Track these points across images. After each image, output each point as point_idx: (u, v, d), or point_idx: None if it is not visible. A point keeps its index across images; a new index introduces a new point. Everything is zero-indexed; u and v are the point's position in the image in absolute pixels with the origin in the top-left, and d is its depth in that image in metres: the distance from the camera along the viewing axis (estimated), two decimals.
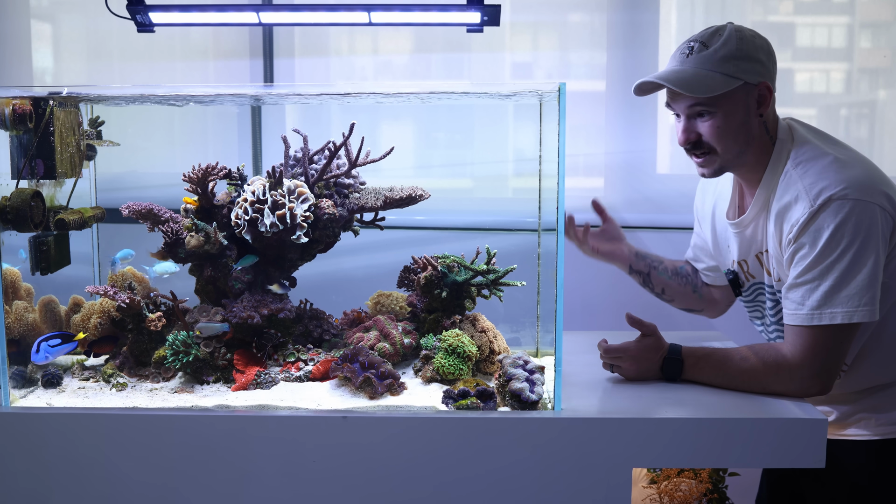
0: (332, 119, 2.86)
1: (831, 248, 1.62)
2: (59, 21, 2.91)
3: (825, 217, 1.63)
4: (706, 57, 1.70)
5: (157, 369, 1.88)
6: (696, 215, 2.08)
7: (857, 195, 1.62)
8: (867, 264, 1.61)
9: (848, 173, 1.65)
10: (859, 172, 1.66)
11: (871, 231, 1.62)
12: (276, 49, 2.82)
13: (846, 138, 2.84)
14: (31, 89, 2.36)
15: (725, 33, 1.71)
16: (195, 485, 1.63)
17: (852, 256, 1.61)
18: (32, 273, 1.88)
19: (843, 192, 1.62)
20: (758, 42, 1.73)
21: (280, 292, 1.89)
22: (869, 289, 1.61)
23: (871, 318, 1.63)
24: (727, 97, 1.70)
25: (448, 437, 1.61)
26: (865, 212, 1.61)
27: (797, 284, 1.67)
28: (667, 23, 2.81)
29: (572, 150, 2.78)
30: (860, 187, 1.63)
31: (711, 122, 1.72)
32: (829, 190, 1.63)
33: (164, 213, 1.96)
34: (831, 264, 1.63)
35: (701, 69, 1.70)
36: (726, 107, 1.71)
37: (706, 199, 2.01)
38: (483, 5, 1.99)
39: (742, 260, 1.88)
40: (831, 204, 1.62)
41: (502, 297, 1.98)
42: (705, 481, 1.97)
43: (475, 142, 2.90)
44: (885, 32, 2.84)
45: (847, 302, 1.62)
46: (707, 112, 1.72)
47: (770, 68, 1.74)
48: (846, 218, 1.61)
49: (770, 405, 1.67)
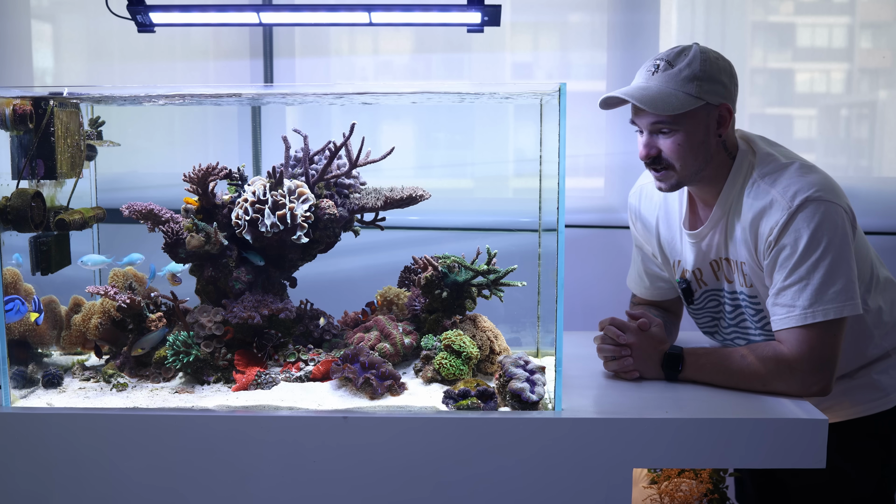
0: (332, 119, 2.86)
1: (813, 248, 1.69)
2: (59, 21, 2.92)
3: (802, 218, 1.70)
4: (671, 76, 1.75)
5: (158, 369, 1.88)
6: (640, 237, 2.09)
7: (828, 196, 1.71)
8: (847, 260, 1.69)
9: (815, 177, 1.74)
10: (823, 176, 1.75)
11: (843, 230, 1.70)
12: (277, 49, 2.82)
13: (846, 138, 2.85)
14: (32, 89, 2.37)
15: (690, 54, 1.76)
16: (195, 485, 1.64)
17: (834, 254, 1.69)
18: (33, 273, 1.88)
19: (816, 194, 1.70)
20: (721, 64, 1.78)
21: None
22: (853, 283, 1.70)
23: (857, 312, 1.70)
24: (688, 116, 1.75)
25: (448, 438, 1.61)
26: (836, 212, 1.70)
27: (785, 287, 1.72)
28: (667, 23, 2.81)
29: (573, 150, 2.79)
30: (828, 189, 1.72)
31: (672, 140, 1.77)
32: (802, 192, 1.71)
33: (164, 213, 1.96)
34: (816, 263, 1.69)
35: (665, 87, 1.75)
36: (687, 125, 1.76)
37: (647, 219, 2.04)
38: (483, 5, 1.99)
39: (697, 268, 1.93)
40: (807, 205, 1.70)
41: (503, 298, 1.98)
42: (706, 481, 1.97)
43: (475, 142, 2.91)
44: (885, 33, 2.84)
45: (836, 297, 1.69)
46: (668, 129, 1.77)
47: (731, 90, 1.79)
48: (823, 218, 1.69)
49: (770, 405, 1.68)
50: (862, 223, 2.02)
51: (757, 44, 2.85)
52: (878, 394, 1.89)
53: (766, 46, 2.86)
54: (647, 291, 2.11)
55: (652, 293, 2.10)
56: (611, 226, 2.80)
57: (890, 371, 1.90)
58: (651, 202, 2.03)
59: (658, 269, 2.06)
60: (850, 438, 1.89)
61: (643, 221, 2.05)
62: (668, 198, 1.98)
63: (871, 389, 1.89)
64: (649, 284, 2.09)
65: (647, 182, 2.04)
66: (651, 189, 2.02)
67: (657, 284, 2.08)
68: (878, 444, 1.92)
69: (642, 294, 2.12)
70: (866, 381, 1.90)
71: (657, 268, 2.07)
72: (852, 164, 2.81)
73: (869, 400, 1.89)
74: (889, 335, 1.90)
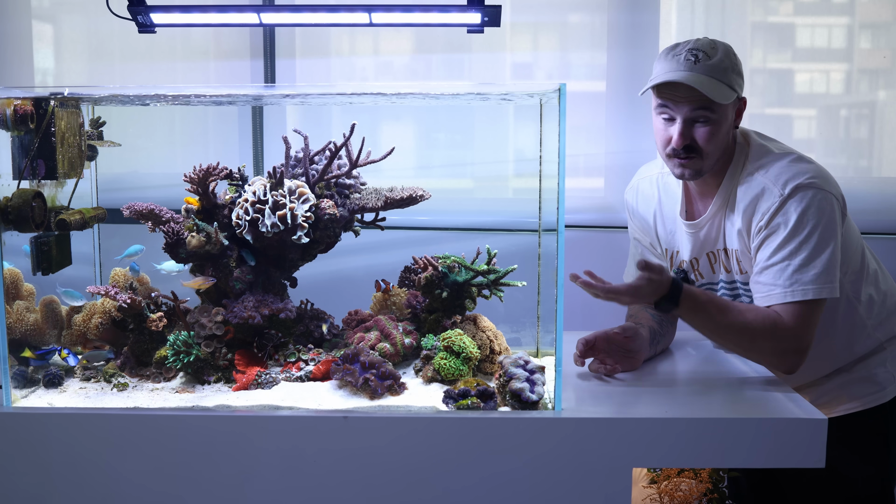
0: (332, 119, 2.87)
1: (799, 230, 1.73)
2: (60, 22, 2.92)
3: (792, 203, 1.74)
4: (713, 67, 1.78)
5: (159, 369, 1.88)
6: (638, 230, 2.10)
7: (820, 184, 1.75)
8: (830, 245, 1.73)
9: (808, 166, 1.78)
10: (817, 166, 1.79)
11: (831, 217, 1.74)
12: (277, 50, 2.82)
13: (846, 138, 2.85)
14: (33, 90, 2.37)
15: (721, 47, 1.81)
16: (196, 485, 1.64)
17: (818, 238, 1.73)
18: (34, 273, 1.89)
19: (808, 181, 1.75)
20: (738, 59, 1.84)
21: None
22: (833, 268, 1.73)
23: (834, 295, 1.75)
24: (724, 107, 1.80)
25: (448, 437, 1.61)
26: (826, 200, 1.74)
27: (768, 266, 1.76)
28: (667, 23, 2.81)
29: (573, 150, 2.79)
30: (820, 177, 1.76)
31: (708, 129, 1.80)
32: (794, 180, 1.75)
33: (165, 213, 1.97)
34: (800, 245, 1.73)
35: (712, 77, 1.77)
36: (723, 115, 1.81)
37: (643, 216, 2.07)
38: (483, 6, 1.99)
39: (693, 258, 1.96)
40: (798, 192, 1.74)
41: (503, 298, 1.98)
42: (705, 481, 1.97)
43: (475, 142, 2.91)
44: (884, 33, 2.84)
45: (816, 279, 1.72)
46: (707, 118, 1.79)
47: (744, 86, 1.86)
48: (810, 203, 1.73)
49: (770, 405, 1.68)
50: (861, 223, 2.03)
51: (756, 44, 2.85)
52: (874, 388, 1.92)
53: (766, 47, 2.87)
54: None
55: None
56: (611, 226, 2.80)
57: (886, 364, 1.93)
58: (646, 199, 2.06)
59: (657, 260, 2.07)
60: (852, 434, 1.91)
61: (640, 218, 2.09)
62: (664, 192, 2.01)
63: (867, 383, 1.92)
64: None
65: (642, 178, 2.09)
66: (646, 186, 2.06)
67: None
68: (881, 441, 1.93)
69: None
70: (863, 375, 1.92)
71: (656, 259, 2.08)
72: (852, 165, 2.81)
73: (867, 394, 1.92)
74: (882, 326, 1.93)
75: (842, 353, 1.93)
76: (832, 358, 1.93)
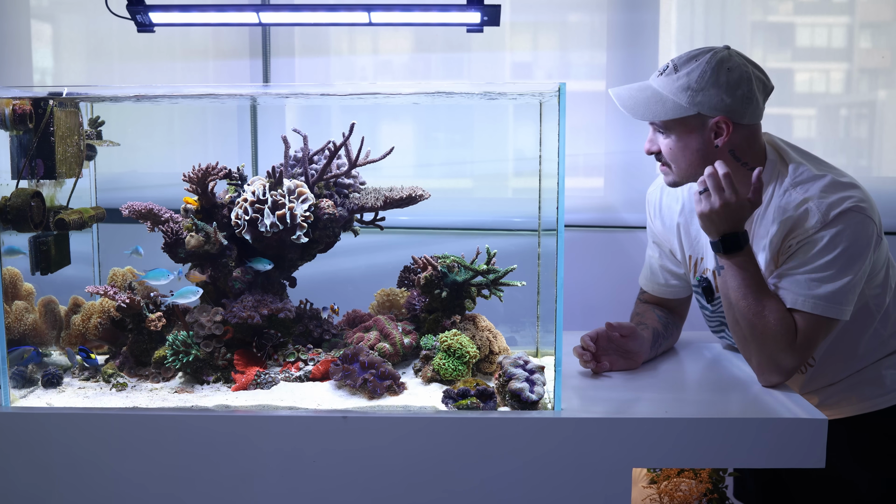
0: (331, 119, 2.86)
1: (829, 250, 1.72)
2: (58, 21, 2.91)
3: (832, 226, 1.72)
4: (669, 81, 1.78)
5: (158, 369, 1.88)
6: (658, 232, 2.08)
7: (861, 210, 1.73)
8: (853, 272, 1.72)
9: (851, 192, 1.75)
10: (859, 191, 1.77)
11: (865, 244, 1.73)
12: (276, 49, 2.82)
13: (846, 138, 2.85)
14: (31, 89, 2.37)
15: (700, 61, 1.76)
16: (195, 485, 1.64)
17: (844, 261, 1.72)
18: (32, 273, 1.88)
19: (851, 206, 1.72)
20: (734, 76, 1.75)
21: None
22: (850, 293, 1.73)
23: (842, 318, 1.74)
24: (679, 123, 1.78)
25: (448, 437, 1.61)
26: (863, 225, 1.72)
27: (788, 273, 1.75)
28: (667, 23, 2.81)
29: (572, 150, 2.78)
30: (863, 204, 1.74)
31: (666, 142, 1.82)
32: (838, 206, 1.72)
33: (164, 212, 1.96)
34: (826, 263, 1.72)
35: (661, 91, 1.78)
36: (678, 131, 1.79)
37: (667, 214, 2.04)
38: (483, 5, 1.99)
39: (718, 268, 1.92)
40: (840, 218, 1.72)
41: (502, 297, 1.98)
42: (705, 481, 1.97)
43: (475, 142, 2.90)
44: (884, 32, 2.84)
45: (829, 298, 1.72)
46: (661, 131, 1.82)
47: (739, 104, 1.76)
48: (846, 227, 1.72)
49: (770, 405, 1.68)
50: None
51: (756, 44, 2.85)
52: (882, 390, 1.91)
53: (766, 46, 2.86)
54: (660, 288, 2.10)
55: (664, 290, 2.10)
56: (610, 226, 2.80)
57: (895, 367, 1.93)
58: (673, 196, 2.03)
59: (675, 267, 2.06)
60: (860, 435, 1.91)
61: (663, 216, 2.05)
62: (689, 197, 1.97)
63: (875, 385, 1.91)
64: (663, 281, 2.09)
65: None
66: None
67: (671, 282, 2.09)
68: (888, 443, 1.93)
69: (654, 291, 2.12)
70: (871, 377, 1.92)
71: (674, 265, 2.07)
72: (851, 164, 2.81)
73: (874, 396, 1.91)
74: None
75: (856, 362, 1.92)
76: (846, 366, 1.93)
